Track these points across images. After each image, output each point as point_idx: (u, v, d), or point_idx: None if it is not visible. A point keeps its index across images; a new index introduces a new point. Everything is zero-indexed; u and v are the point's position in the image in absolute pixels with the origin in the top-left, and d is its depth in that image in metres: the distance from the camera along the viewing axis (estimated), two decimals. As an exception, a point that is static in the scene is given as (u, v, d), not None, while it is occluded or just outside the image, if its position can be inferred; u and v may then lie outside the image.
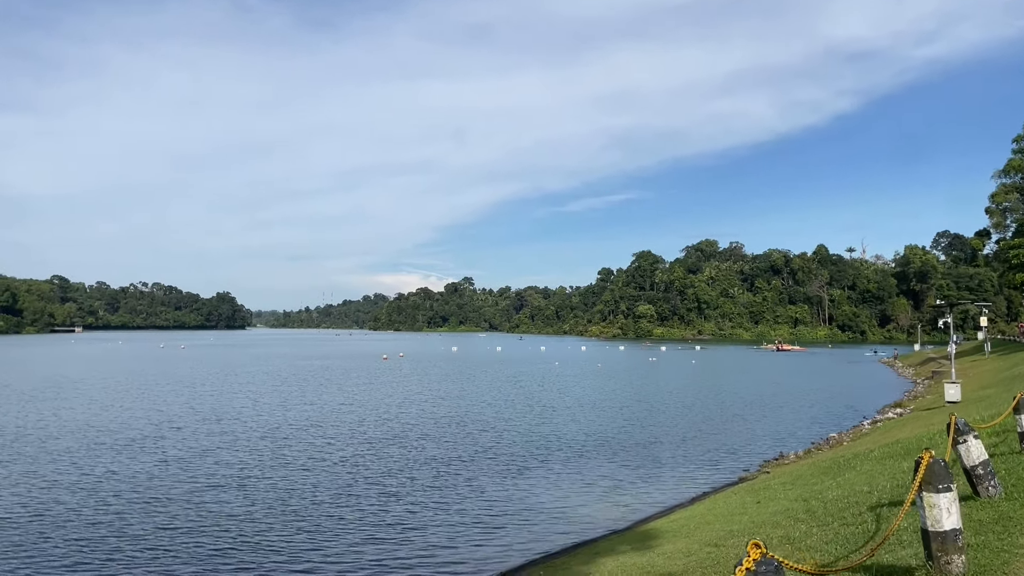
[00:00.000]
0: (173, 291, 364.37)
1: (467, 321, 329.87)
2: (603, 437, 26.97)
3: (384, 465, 21.10)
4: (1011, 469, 9.29)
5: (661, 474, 20.78)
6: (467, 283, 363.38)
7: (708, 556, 9.92)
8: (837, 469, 15.63)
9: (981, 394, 30.72)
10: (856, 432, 27.99)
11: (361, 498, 17.14)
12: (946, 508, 5.20)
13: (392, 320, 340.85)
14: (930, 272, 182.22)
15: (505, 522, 15.26)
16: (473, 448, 24.13)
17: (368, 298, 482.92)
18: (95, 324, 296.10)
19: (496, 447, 24.43)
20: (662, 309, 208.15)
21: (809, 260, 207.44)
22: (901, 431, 22.44)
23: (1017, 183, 72.37)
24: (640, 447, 25.05)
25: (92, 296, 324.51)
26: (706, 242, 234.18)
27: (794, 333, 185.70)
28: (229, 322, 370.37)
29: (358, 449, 23.75)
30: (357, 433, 27.28)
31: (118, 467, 20.65)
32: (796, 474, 16.96)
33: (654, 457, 23.34)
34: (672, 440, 26.85)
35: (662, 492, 18.39)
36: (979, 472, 7.85)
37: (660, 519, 14.73)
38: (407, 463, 21.43)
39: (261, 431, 27.53)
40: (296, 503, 16.69)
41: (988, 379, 38.90)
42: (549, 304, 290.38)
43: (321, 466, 20.90)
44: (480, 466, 21.05)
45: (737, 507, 14.01)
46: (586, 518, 15.60)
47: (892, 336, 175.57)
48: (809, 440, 27.61)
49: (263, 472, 20.12)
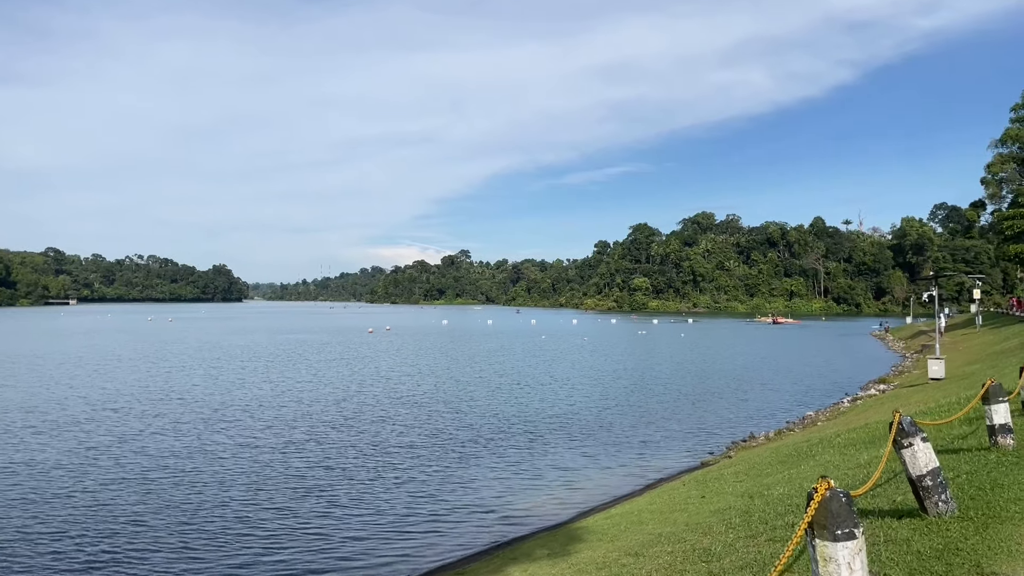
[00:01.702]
0: (169, 264, 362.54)
1: (464, 294, 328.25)
2: (568, 419, 25.61)
3: (315, 454, 19.56)
4: (974, 473, 7.85)
5: (619, 459, 19.44)
6: (464, 256, 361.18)
7: (622, 570, 8.54)
8: (796, 457, 14.26)
9: (967, 370, 29.39)
10: (834, 411, 26.68)
11: (274, 492, 15.63)
12: (847, 563, 3.72)
13: (389, 293, 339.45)
14: (926, 244, 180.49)
15: (430, 519, 13.89)
16: (424, 433, 22.70)
17: (365, 271, 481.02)
18: (90, 297, 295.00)
19: (448, 431, 23.00)
20: (657, 282, 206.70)
21: (805, 233, 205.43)
22: (876, 412, 21.07)
23: (1014, 153, 70.33)
24: (605, 429, 23.71)
25: (88, 269, 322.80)
26: (703, 215, 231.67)
27: (789, 306, 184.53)
28: (226, 295, 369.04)
29: (295, 435, 22.18)
30: (302, 416, 25.79)
31: (21, 455, 19.26)
32: (755, 461, 15.60)
33: (617, 440, 22.00)
34: (641, 421, 25.52)
35: (615, 481, 17.06)
36: (927, 483, 6.40)
37: (599, 514, 13.38)
38: (343, 451, 19.94)
39: (200, 413, 25.99)
40: (192, 500, 15.05)
41: (976, 354, 37.61)
42: (545, 277, 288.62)
43: (243, 456, 19.38)
44: (425, 454, 19.63)
45: (680, 502, 12.64)
46: (522, 513, 14.25)
47: (887, 309, 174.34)
48: (784, 419, 26.32)
49: (169, 462, 18.57)
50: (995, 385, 8.65)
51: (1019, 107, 68.25)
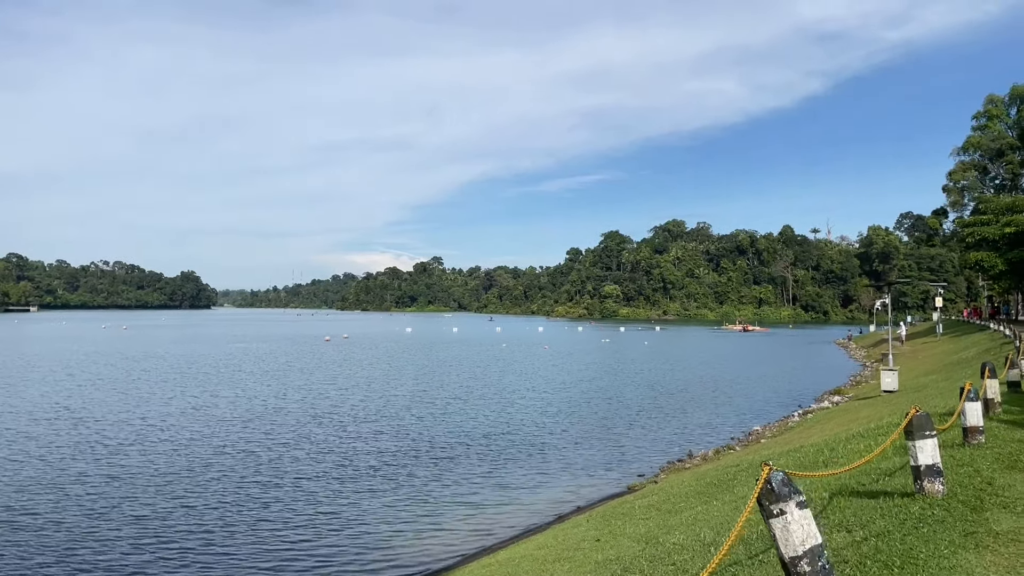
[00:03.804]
0: (136, 270, 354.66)
1: (436, 301, 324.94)
2: (495, 438, 23.56)
3: (194, 485, 17.31)
4: (885, 536, 5.99)
5: (539, 487, 17.46)
6: (436, 263, 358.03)
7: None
8: (715, 489, 12.44)
9: (922, 381, 28.01)
10: (782, 425, 25.07)
11: (118, 533, 13.46)
12: None
13: (360, 300, 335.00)
14: (892, 253, 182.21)
15: (288, 567, 11.78)
16: (335, 458, 20.31)
17: (338, 277, 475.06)
18: (53, 304, 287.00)
19: (347, 455, 20.50)
20: (628, 289, 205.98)
21: (775, 241, 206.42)
22: (819, 430, 19.43)
23: (976, 160, 70.17)
24: (535, 450, 21.70)
25: (51, 275, 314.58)
26: (674, 222, 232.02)
27: (758, 313, 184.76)
28: (194, 302, 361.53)
29: (189, 462, 19.83)
30: (207, 439, 23.25)
31: None
32: (674, 490, 13.75)
33: (544, 464, 20.03)
34: (577, 439, 23.59)
35: (521, 515, 15.02)
36: (803, 570, 4.52)
37: (477, 561, 11.41)
38: (223, 482, 17.64)
39: (74, 433, 23.52)
40: (57, 535, 13.00)
41: (934, 363, 36.42)
42: (518, 284, 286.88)
43: (125, 484, 17.16)
44: (321, 483, 17.35)
45: (571, 546, 10.71)
46: (392, 559, 12.18)
47: (855, 316, 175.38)
48: (731, 435, 24.63)
49: (53, 487, 16.36)
50: (920, 416, 6.84)
51: (980, 115, 68.07)
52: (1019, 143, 63.89)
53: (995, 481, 7.29)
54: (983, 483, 7.25)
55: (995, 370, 11.84)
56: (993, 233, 57.12)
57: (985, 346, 34.31)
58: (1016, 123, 64.59)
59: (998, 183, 69.99)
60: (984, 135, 66.78)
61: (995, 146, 65.22)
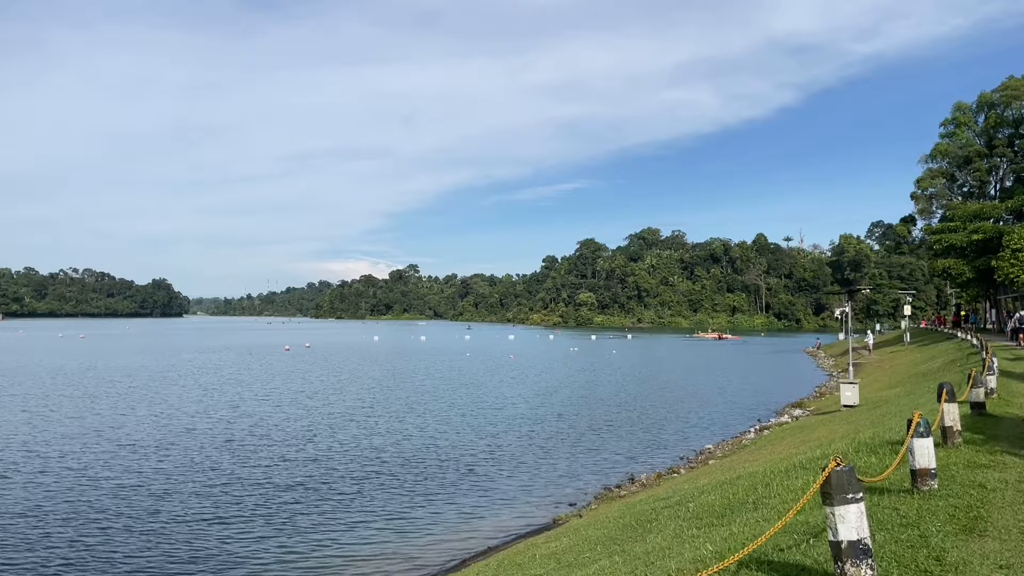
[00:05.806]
0: (106, 277, 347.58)
1: (411, 309, 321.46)
2: (420, 463, 21.30)
3: (108, 509, 15.13)
4: None
5: (448, 523, 15.38)
6: (412, 270, 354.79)
7: None
8: (632, 531, 10.50)
9: (884, 395, 26.42)
10: (735, 443, 23.30)
11: None
12: None
13: (335, 308, 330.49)
14: (863, 261, 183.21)
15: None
16: (257, 484, 18.09)
17: (313, 285, 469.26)
18: (19, 312, 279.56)
19: (281, 482, 18.45)
20: (603, 297, 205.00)
21: (748, 249, 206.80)
22: (768, 452, 17.63)
23: (943, 168, 69.62)
24: (460, 476, 19.63)
25: (18, 282, 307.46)
26: (648, 231, 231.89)
27: (732, 321, 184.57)
28: (165, 310, 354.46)
29: (98, 485, 17.64)
30: (120, 460, 21.06)
31: None
32: (589, 533, 11.78)
33: (468, 491, 18.03)
34: (512, 462, 21.53)
35: (426, 558, 12.98)
36: None
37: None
38: (138, 507, 15.46)
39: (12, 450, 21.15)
40: None
41: (899, 374, 34.99)
42: (494, 292, 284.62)
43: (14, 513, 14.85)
44: (182, 526, 15.18)
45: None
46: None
47: (826, 324, 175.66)
48: (680, 453, 22.78)
49: None
50: (840, 473, 4.92)
51: (948, 122, 67.52)
52: (987, 151, 63.39)
53: (946, 556, 5.40)
54: (930, 560, 5.36)
55: (954, 392, 10.05)
56: (960, 240, 56.34)
57: (952, 356, 32.96)
58: (984, 131, 64.12)
59: (966, 190, 69.48)
60: (952, 142, 66.18)
61: (963, 153, 64.62)
